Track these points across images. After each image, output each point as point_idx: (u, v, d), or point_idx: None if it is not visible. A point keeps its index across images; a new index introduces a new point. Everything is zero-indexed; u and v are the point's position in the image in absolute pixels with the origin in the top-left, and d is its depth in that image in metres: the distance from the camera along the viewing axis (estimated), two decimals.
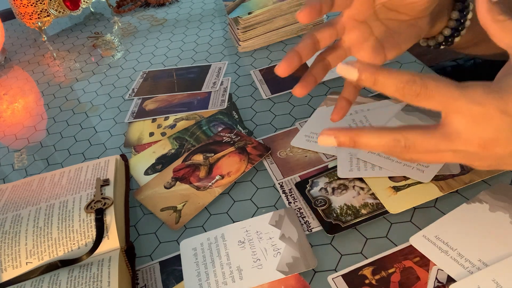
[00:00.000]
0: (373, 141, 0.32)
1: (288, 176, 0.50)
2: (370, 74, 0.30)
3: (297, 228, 0.44)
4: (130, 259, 0.44)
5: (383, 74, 0.30)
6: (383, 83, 0.30)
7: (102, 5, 1.10)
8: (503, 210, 0.41)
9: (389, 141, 0.31)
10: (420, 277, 0.38)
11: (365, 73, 0.30)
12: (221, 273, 0.42)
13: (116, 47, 0.90)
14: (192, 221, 0.48)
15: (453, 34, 0.44)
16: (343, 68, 0.31)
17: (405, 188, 0.45)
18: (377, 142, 0.32)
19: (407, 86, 0.30)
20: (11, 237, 0.44)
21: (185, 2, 1.04)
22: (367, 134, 0.32)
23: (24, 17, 0.96)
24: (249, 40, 0.76)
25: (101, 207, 0.46)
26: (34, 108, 0.76)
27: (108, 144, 0.63)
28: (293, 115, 0.60)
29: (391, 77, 0.30)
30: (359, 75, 0.31)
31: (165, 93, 0.70)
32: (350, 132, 0.32)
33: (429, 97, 0.30)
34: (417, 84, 0.29)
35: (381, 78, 0.30)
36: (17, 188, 0.53)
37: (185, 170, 0.54)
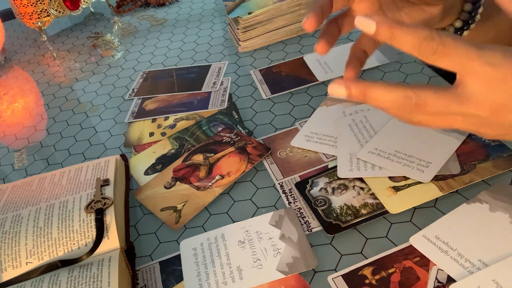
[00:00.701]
0: (384, 96, 0.31)
1: (288, 176, 0.50)
2: (388, 27, 0.29)
3: (297, 228, 0.44)
4: (130, 259, 0.44)
5: (401, 28, 0.29)
6: (400, 38, 0.29)
7: (102, 5, 1.10)
8: (503, 210, 0.41)
9: (400, 97, 0.31)
10: (420, 277, 0.38)
11: (383, 26, 0.30)
12: (221, 273, 0.42)
13: (116, 47, 0.90)
14: (192, 221, 0.48)
15: (463, 27, 0.43)
16: (361, 20, 0.30)
17: (405, 188, 0.45)
18: (388, 97, 0.31)
19: (425, 43, 0.29)
20: (11, 237, 0.44)
21: (185, 2, 1.04)
22: (379, 88, 0.31)
23: (24, 17, 0.96)
24: (249, 40, 0.76)
25: (101, 207, 0.46)
26: (34, 108, 0.76)
27: (108, 144, 0.63)
28: (293, 115, 0.60)
29: (409, 32, 0.29)
30: (376, 28, 0.30)
31: (165, 93, 0.70)
32: (361, 84, 0.32)
33: (446, 55, 0.29)
34: (435, 41, 0.29)
35: (398, 33, 0.29)
36: (17, 188, 0.53)
37: (185, 170, 0.54)
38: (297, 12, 0.75)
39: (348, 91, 0.32)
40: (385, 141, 0.50)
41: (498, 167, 0.45)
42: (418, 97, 0.30)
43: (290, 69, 0.69)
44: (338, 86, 0.32)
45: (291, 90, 0.65)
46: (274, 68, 0.70)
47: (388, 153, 0.49)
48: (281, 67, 0.70)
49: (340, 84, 0.32)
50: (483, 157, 0.46)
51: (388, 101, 0.31)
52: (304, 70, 0.68)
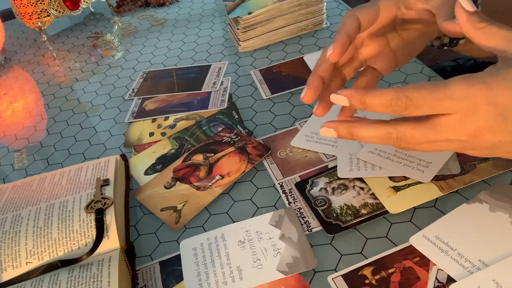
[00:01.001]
0: (368, 134, 0.34)
1: (288, 176, 0.50)
2: (358, 100, 0.33)
3: (297, 228, 0.44)
4: (130, 259, 0.44)
5: (369, 97, 0.33)
6: (371, 105, 0.33)
7: (102, 5, 1.10)
8: (503, 210, 0.41)
9: (382, 134, 0.34)
10: (420, 277, 0.38)
11: (353, 99, 0.33)
12: (221, 273, 0.42)
13: (116, 47, 0.90)
14: (192, 221, 0.48)
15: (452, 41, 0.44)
16: (334, 97, 0.35)
17: (405, 188, 0.45)
18: (372, 134, 0.34)
19: (393, 103, 0.32)
20: (11, 237, 0.44)
21: (185, 2, 1.04)
22: (362, 127, 0.34)
23: (24, 17, 0.96)
24: (249, 40, 0.76)
25: (101, 207, 0.46)
26: (34, 108, 0.76)
27: (108, 144, 0.63)
28: (293, 115, 0.60)
29: (376, 99, 0.32)
30: (349, 101, 0.34)
31: (165, 93, 0.70)
32: (348, 125, 0.35)
33: (417, 107, 0.31)
34: (401, 100, 0.31)
35: (368, 101, 0.33)
36: (17, 188, 0.53)
37: (185, 170, 0.54)
38: (297, 12, 0.75)
39: (337, 133, 0.36)
40: None
41: (498, 167, 0.45)
42: (398, 132, 0.33)
43: (290, 69, 0.69)
44: (327, 129, 0.36)
45: (291, 90, 0.65)
46: (274, 68, 0.70)
47: (388, 153, 0.49)
48: (281, 67, 0.70)
49: (330, 127, 0.36)
50: (483, 157, 0.46)
51: (373, 137, 0.34)
52: (304, 70, 0.68)
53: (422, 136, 0.33)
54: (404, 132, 0.33)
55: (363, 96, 0.33)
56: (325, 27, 0.78)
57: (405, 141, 0.33)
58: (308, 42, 0.76)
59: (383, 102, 0.32)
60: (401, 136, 0.33)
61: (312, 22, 0.77)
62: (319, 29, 0.78)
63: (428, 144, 0.33)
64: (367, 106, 0.33)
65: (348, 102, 0.34)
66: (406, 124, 0.33)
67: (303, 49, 0.74)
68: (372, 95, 0.32)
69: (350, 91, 0.34)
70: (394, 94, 0.31)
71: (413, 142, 0.33)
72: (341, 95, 0.34)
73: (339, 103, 0.34)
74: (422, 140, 0.33)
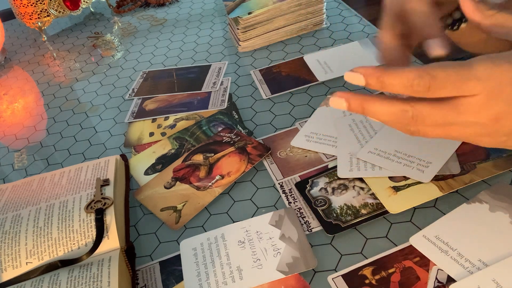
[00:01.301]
0: (381, 110, 0.32)
1: (288, 176, 0.50)
2: (376, 78, 0.31)
3: (297, 228, 0.44)
4: (130, 259, 0.44)
5: (388, 75, 0.30)
6: (391, 84, 0.30)
7: (102, 5, 1.10)
8: (503, 210, 0.41)
9: (397, 110, 0.31)
10: (420, 277, 0.38)
11: (370, 78, 0.31)
12: (221, 273, 0.42)
13: (116, 47, 0.90)
14: (192, 221, 0.48)
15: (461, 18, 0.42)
16: (349, 75, 0.32)
17: (405, 188, 0.45)
18: (385, 111, 0.32)
19: (415, 83, 0.29)
20: (11, 237, 0.44)
21: (185, 2, 1.04)
22: (376, 101, 0.32)
23: (24, 17, 0.96)
24: (249, 40, 0.76)
25: (101, 207, 0.46)
26: (34, 108, 0.76)
27: (108, 144, 0.63)
28: (293, 115, 0.60)
29: (397, 77, 0.30)
30: (365, 80, 0.31)
31: (165, 93, 0.70)
32: (360, 98, 0.33)
33: (441, 87, 0.29)
34: (425, 79, 0.29)
35: (387, 80, 0.30)
36: (17, 188, 0.53)
37: (185, 170, 0.54)
38: (297, 12, 0.75)
39: (348, 104, 0.33)
40: (385, 141, 0.50)
41: (498, 167, 0.45)
42: (414, 109, 0.31)
43: (290, 69, 0.69)
44: (338, 99, 0.33)
45: (291, 90, 0.65)
46: (274, 68, 0.70)
47: (388, 153, 0.49)
48: (281, 67, 0.70)
49: (341, 97, 0.33)
50: (483, 157, 0.46)
51: (385, 114, 0.32)
52: (304, 70, 0.68)
53: (440, 116, 0.30)
54: (421, 111, 0.30)
55: (382, 74, 0.30)
56: (325, 27, 0.78)
57: (421, 121, 0.31)
58: (308, 42, 0.76)
59: (404, 81, 0.30)
60: (417, 115, 0.31)
61: (312, 22, 0.77)
62: (319, 29, 0.78)
63: (444, 128, 0.31)
64: (386, 85, 0.31)
65: (364, 81, 0.31)
66: (425, 103, 0.30)
67: (303, 49, 0.74)
68: (392, 73, 0.30)
69: (367, 69, 0.31)
70: (417, 72, 0.29)
71: (429, 123, 0.31)
72: (357, 72, 0.31)
73: (354, 82, 0.32)
74: (439, 121, 0.31)
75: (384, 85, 0.31)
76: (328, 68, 0.67)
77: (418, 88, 0.30)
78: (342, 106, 0.33)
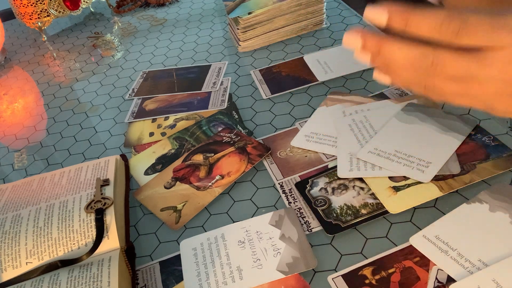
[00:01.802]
0: (400, 51, 0.29)
1: (288, 176, 0.50)
2: (401, 14, 0.28)
3: (297, 228, 0.44)
4: (130, 259, 0.44)
5: (415, 14, 0.28)
6: (417, 24, 0.28)
7: (102, 5, 1.10)
8: (503, 210, 0.41)
9: (417, 53, 0.29)
10: (420, 277, 0.38)
11: (395, 14, 0.28)
12: (221, 273, 0.42)
13: (116, 47, 0.90)
14: (192, 221, 0.48)
15: None
16: (371, 11, 0.29)
17: (405, 188, 0.45)
18: (404, 53, 0.29)
19: (444, 25, 0.27)
20: (11, 237, 0.44)
21: (185, 2, 1.04)
22: (396, 42, 0.29)
23: (24, 17, 0.96)
24: (249, 40, 0.76)
25: (101, 207, 0.46)
26: (34, 108, 0.76)
27: (108, 144, 0.63)
28: (293, 115, 0.60)
29: (425, 16, 0.27)
30: (389, 17, 0.28)
31: (165, 93, 0.70)
32: (378, 36, 0.30)
33: (470, 33, 0.27)
34: (455, 22, 0.27)
35: (413, 18, 0.28)
36: (17, 188, 0.53)
37: (185, 170, 0.54)
38: (297, 12, 0.75)
39: (364, 42, 0.30)
40: (385, 141, 0.50)
41: (498, 167, 0.45)
42: (436, 56, 0.28)
43: (290, 69, 0.69)
44: (353, 37, 0.30)
45: (291, 90, 0.65)
46: (274, 68, 0.70)
47: (388, 153, 0.49)
48: (281, 67, 0.70)
49: (357, 34, 0.30)
50: (483, 157, 0.46)
51: (404, 57, 0.29)
52: (304, 70, 0.68)
53: (463, 66, 0.28)
54: (443, 57, 0.28)
55: (409, 11, 0.28)
56: (325, 27, 0.78)
57: (440, 69, 0.28)
58: (308, 42, 0.76)
59: (432, 22, 0.27)
60: (438, 62, 0.28)
61: (312, 22, 0.77)
62: (319, 29, 0.78)
63: (463, 83, 0.28)
64: (411, 26, 0.28)
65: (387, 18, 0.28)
66: (448, 49, 0.28)
67: (303, 49, 0.74)
68: (420, 12, 0.27)
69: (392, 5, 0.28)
70: (448, 14, 0.27)
71: (449, 73, 0.28)
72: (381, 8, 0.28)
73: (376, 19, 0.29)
74: (460, 72, 0.28)
75: (409, 25, 0.28)
76: (328, 68, 0.67)
77: (446, 30, 0.27)
78: (356, 45, 0.30)
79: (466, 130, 0.49)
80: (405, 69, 0.30)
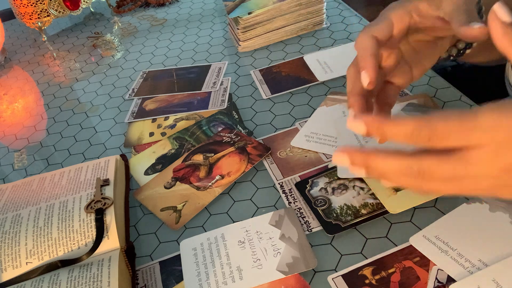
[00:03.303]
0: (386, 165, 0.31)
1: (288, 176, 0.50)
2: (376, 128, 0.30)
3: (297, 228, 0.44)
4: (130, 259, 0.44)
5: (388, 126, 0.30)
6: (392, 135, 0.30)
7: (102, 5, 1.10)
8: (503, 210, 0.41)
9: (401, 167, 0.30)
10: (420, 277, 0.38)
11: (371, 126, 0.31)
12: (221, 273, 0.42)
13: (116, 47, 0.90)
14: (192, 221, 0.48)
15: (465, 47, 0.44)
16: (351, 124, 0.32)
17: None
18: (390, 168, 0.31)
19: (415, 134, 0.29)
20: (11, 237, 0.44)
21: (185, 2, 1.04)
22: (380, 158, 0.31)
23: (24, 17, 0.96)
24: (249, 40, 0.76)
25: (101, 207, 0.46)
26: (34, 108, 0.76)
27: (108, 144, 0.63)
28: (293, 115, 0.60)
29: (396, 129, 0.29)
30: (367, 130, 0.31)
31: (165, 93, 0.70)
32: (364, 154, 0.32)
33: (442, 138, 0.28)
34: (425, 131, 0.28)
35: (387, 130, 0.30)
36: (17, 188, 0.53)
37: (185, 170, 0.54)
38: (297, 12, 0.75)
39: (351, 160, 0.32)
40: None
41: None
42: (420, 165, 0.29)
43: (290, 69, 0.69)
44: (341, 155, 0.32)
45: (291, 90, 0.65)
46: (274, 68, 0.70)
47: None
48: (281, 67, 0.70)
49: (343, 152, 0.32)
50: None
51: (391, 169, 0.31)
52: (304, 70, 0.68)
53: (449, 170, 0.28)
54: (428, 165, 0.29)
55: (382, 125, 0.30)
56: (325, 27, 0.78)
57: (429, 176, 0.29)
58: (308, 42, 0.76)
59: (404, 133, 0.29)
60: (424, 170, 0.29)
61: (312, 22, 0.77)
62: (319, 29, 0.78)
63: (456, 183, 0.29)
64: (387, 136, 0.30)
65: (365, 129, 0.31)
66: (432, 156, 0.29)
67: (303, 49, 0.74)
68: (393, 124, 0.29)
69: (368, 118, 0.31)
70: (416, 124, 0.28)
71: (437, 178, 0.29)
72: (360, 120, 0.31)
73: (357, 131, 0.32)
74: (448, 175, 0.29)
75: (384, 136, 0.30)
76: (328, 68, 0.67)
77: (417, 139, 0.29)
78: (345, 162, 0.32)
79: None
80: (398, 177, 0.31)
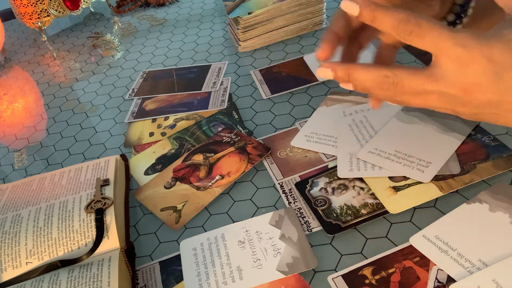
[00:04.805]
0: (365, 75, 0.34)
1: (288, 176, 0.50)
2: (369, 11, 0.33)
3: (297, 228, 0.44)
4: (130, 259, 0.44)
5: (381, 11, 0.32)
6: (381, 20, 0.33)
7: (102, 5, 1.10)
8: (503, 210, 0.41)
9: (379, 76, 0.34)
10: (420, 277, 0.38)
11: (365, 9, 0.33)
12: (221, 273, 0.42)
13: (116, 47, 0.90)
14: (192, 221, 0.48)
15: (455, 21, 0.44)
16: (346, 4, 0.34)
17: (405, 188, 0.45)
18: (369, 77, 0.34)
19: (402, 24, 0.32)
20: (11, 237, 0.44)
21: (185, 2, 1.04)
22: (360, 68, 0.34)
23: (24, 17, 0.96)
24: (249, 40, 0.76)
25: (101, 207, 0.46)
26: (34, 108, 0.76)
27: (108, 144, 0.63)
28: (293, 115, 0.60)
29: (388, 15, 0.32)
30: (360, 10, 0.33)
31: (165, 93, 0.70)
32: (346, 66, 0.35)
33: (421, 36, 0.31)
34: (411, 23, 0.31)
35: (379, 15, 0.33)
36: (17, 188, 0.53)
37: (185, 170, 0.54)
38: (297, 12, 0.75)
39: (334, 73, 0.36)
40: (385, 141, 0.50)
41: (498, 167, 0.45)
42: (395, 76, 0.33)
43: (290, 69, 0.69)
44: (325, 70, 0.36)
45: (291, 90, 0.65)
46: (274, 68, 0.70)
47: (388, 153, 0.49)
48: (281, 67, 0.70)
49: (327, 67, 0.36)
50: (483, 157, 0.46)
51: (369, 80, 0.34)
52: (304, 70, 0.68)
53: (418, 84, 0.32)
54: (401, 78, 0.33)
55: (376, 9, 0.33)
56: (325, 27, 0.78)
57: (401, 88, 0.33)
58: (308, 42, 0.76)
59: (393, 20, 0.32)
60: (398, 82, 0.33)
61: (312, 22, 0.77)
62: (319, 29, 0.78)
63: (422, 96, 0.33)
64: (376, 20, 0.33)
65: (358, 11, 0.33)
66: (404, 70, 0.33)
67: (303, 49, 0.74)
68: (386, 10, 0.32)
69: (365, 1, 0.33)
70: (406, 16, 0.31)
71: (408, 91, 0.33)
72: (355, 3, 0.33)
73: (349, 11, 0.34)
74: (417, 89, 0.33)
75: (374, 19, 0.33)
76: None
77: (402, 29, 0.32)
78: (329, 76, 0.36)
79: (466, 130, 0.49)
80: (376, 89, 0.35)
